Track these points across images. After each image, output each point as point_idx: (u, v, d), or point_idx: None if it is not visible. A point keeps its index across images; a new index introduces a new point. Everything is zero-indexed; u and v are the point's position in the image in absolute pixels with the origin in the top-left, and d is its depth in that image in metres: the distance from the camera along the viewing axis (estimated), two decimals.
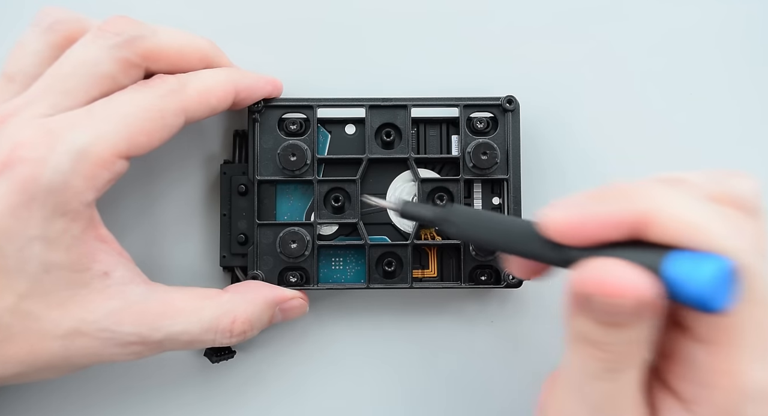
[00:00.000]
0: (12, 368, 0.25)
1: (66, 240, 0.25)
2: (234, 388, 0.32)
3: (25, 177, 0.24)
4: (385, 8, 0.32)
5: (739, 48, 0.33)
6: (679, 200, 0.19)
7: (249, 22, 0.32)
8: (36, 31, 0.27)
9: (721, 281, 0.18)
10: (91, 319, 0.26)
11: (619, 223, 0.19)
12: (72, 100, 0.26)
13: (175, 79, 0.27)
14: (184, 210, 0.32)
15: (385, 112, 0.30)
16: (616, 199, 0.20)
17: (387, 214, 0.31)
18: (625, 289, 0.18)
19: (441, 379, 0.32)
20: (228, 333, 0.28)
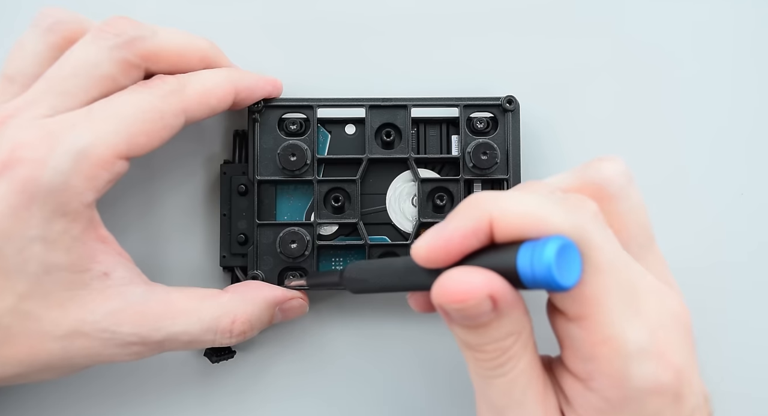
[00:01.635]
0: (12, 369, 0.25)
1: (66, 240, 0.25)
2: (234, 388, 0.32)
3: (25, 177, 0.24)
4: (385, 8, 0.32)
5: (747, 47, 0.33)
6: (517, 198, 0.20)
7: (249, 22, 0.32)
8: (36, 32, 0.27)
9: (561, 259, 0.19)
10: (90, 320, 0.26)
11: (473, 233, 0.20)
12: (72, 101, 0.26)
13: (175, 79, 0.27)
14: (185, 210, 0.32)
15: (385, 112, 0.30)
16: (466, 211, 0.21)
17: (387, 214, 0.31)
18: (463, 293, 0.20)
19: (441, 379, 0.32)
20: (228, 334, 0.28)
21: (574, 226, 0.20)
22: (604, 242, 0.21)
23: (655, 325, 0.21)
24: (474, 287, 0.20)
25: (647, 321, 0.21)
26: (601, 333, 0.21)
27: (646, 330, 0.21)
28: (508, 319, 0.21)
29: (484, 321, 0.21)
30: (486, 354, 0.22)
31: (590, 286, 0.20)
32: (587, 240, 0.20)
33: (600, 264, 0.20)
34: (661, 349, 0.21)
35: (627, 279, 0.21)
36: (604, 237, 0.21)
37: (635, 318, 0.21)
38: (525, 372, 0.22)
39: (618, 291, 0.21)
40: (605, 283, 0.21)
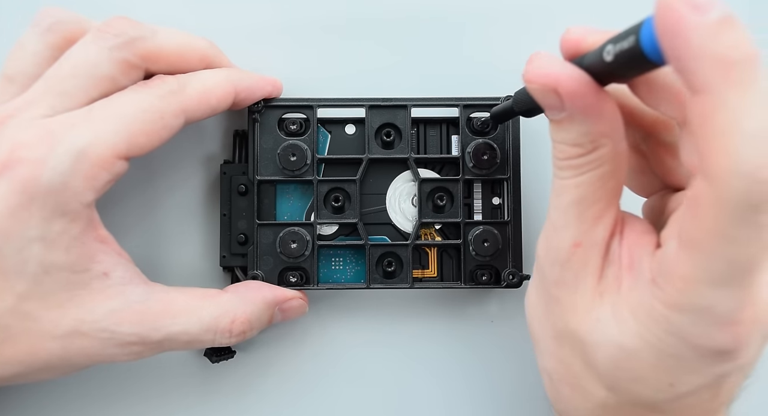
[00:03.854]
0: (11, 368, 0.25)
1: (65, 240, 0.25)
2: (234, 388, 0.32)
3: (24, 177, 0.24)
4: (386, 8, 0.32)
5: None
6: None
7: (249, 22, 0.32)
8: (35, 32, 0.27)
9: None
10: (90, 319, 0.26)
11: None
12: (71, 101, 0.26)
13: (175, 79, 0.27)
14: (185, 210, 0.32)
15: (385, 112, 0.30)
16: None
17: (387, 214, 0.31)
18: (533, 74, 0.21)
19: (441, 379, 0.32)
20: (227, 333, 0.28)
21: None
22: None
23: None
24: (540, 71, 0.21)
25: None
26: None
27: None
28: (577, 128, 0.21)
29: (558, 119, 0.21)
30: (555, 152, 0.22)
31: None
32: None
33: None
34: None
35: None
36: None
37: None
38: (581, 188, 0.22)
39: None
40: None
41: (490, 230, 0.30)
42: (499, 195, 0.31)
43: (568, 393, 0.24)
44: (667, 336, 0.20)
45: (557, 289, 0.23)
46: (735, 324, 0.20)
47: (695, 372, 0.21)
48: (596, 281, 0.22)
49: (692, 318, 0.20)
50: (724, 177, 0.18)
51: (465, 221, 0.30)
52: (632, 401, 0.22)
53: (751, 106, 0.17)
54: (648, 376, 0.21)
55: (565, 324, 0.23)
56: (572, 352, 0.23)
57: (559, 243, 0.22)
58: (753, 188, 0.18)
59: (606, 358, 0.22)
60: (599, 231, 0.22)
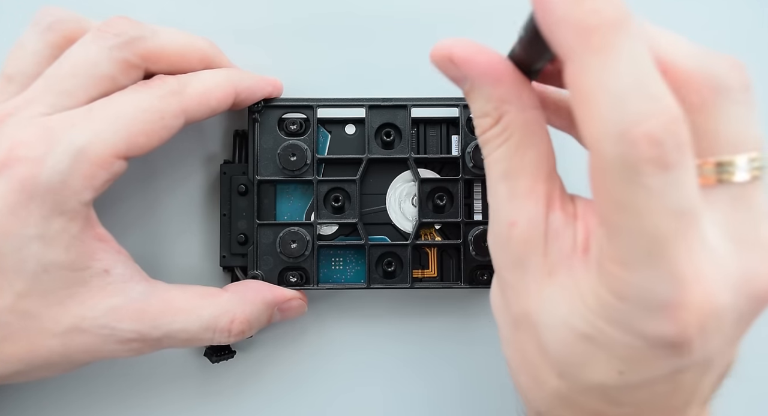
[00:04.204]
0: (12, 366, 0.25)
1: (65, 239, 0.25)
2: (233, 388, 0.32)
3: (23, 176, 0.24)
4: (385, 8, 0.32)
5: (744, 50, 0.33)
6: None
7: (249, 22, 0.32)
8: (35, 31, 0.27)
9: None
10: (90, 316, 0.26)
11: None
12: (71, 101, 0.26)
13: (175, 80, 0.27)
14: (185, 210, 0.32)
15: (385, 112, 0.30)
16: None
17: (387, 214, 0.31)
18: (435, 49, 0.22)
19: (441, 379, 0.32)
20: (226, 333, 0.28)
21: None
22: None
23: None
24: (439, 43, 0.22)
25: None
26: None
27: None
28: (480, 95, 0.22)
29: (465, 89, 0.22)
30: (476, 131, 0.23)
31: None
32: None
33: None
34: None
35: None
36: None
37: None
38: (502, 163, 0.22)
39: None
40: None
41: None
42: None
43: (525, 381, 0.23)
44: (613, 323, 0.20)
45: (507, 273, 0.22)
46: (675, 309, 0.19)
47: (645, 362, 0.20)
48: (541, 260, 0.21)
49: (633, 305, 0.19)
50: (598, 143, 0.18)
51: (465, 221, 0.30)
52: (583, 388, 0.21)
53: (613, 68, 0.18)
54: (596, 361, 0.20)
55: (520, 308, 0.22)
56: (527, 337, 0.22)
57: (498, 225, 0.22)
58: (626, 150, 0.18)
59: (555, 339, 0.21)
60: (531, 206, 0.22)
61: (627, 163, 0.18)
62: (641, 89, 0.18)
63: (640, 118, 0.17)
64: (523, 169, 0.22)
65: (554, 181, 0.22)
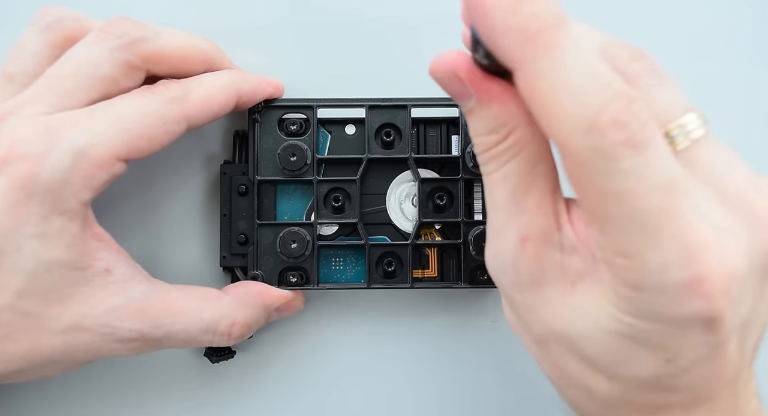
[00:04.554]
0: (13, 365, 0.25)
1: (65, 238, 0.25)
2: (233, 388, 0.32)
3: (24, 174, 0.24)
4: (386, 8, 0.32)
5: (741, 51, 0.33)
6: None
7: (249, 23, 0.32)
8: (35, 30, 0.27)
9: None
10: (91, 315, 0.26)
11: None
12: (72, 101, 0.26)
13: (179, 86, 0.27)
14: (185, 210, 0.32)
15: (385, 112, 0.30)
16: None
17: (387, 214, 0.31)
18: (434, 64, 0.21)
19: (441, 379, 0.32)
20: (226, 336, 0.28)
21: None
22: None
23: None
24: (442, 59, 0.21)
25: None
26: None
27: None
28: (487, 114, 0.21)
29: (468, 108, 0.21)
30: (476, 148, 0.22)
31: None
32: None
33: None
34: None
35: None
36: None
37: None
38: (510, 179, 0.21)
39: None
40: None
41: None
42: None
43: (575, 395, 0.23)
44: (641, 315, 0.20)
45: (520, 294, 0.22)
46: (696, 284, 0.19)
47: (688, 344, 0.20)
48: (560, 272, 0.21)
49: (652, 293, 0.19)
50: (568, 140, 0.18)
51: (465, 221, 0.30)
52: (637, 385, 0.21)
53: (563, 66, 0.18)
54: (641, 356, 0.20)
55: (544, 325, 0.22)
56: (562, 352, 0.22)
57: (505, 244, 0.21)
58: (596, 140, 0.18)
59: (595, 346, 0.21)
60: (543, 219, 0.21)
61: (601, 152, 0.18)
62: (594, 79, 0.18)
63: (601, 107, 0.18)
64: (532, 184, 0.21)
65: (560, 195, 0.22)
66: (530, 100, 0.19)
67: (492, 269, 0.23)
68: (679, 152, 0.21)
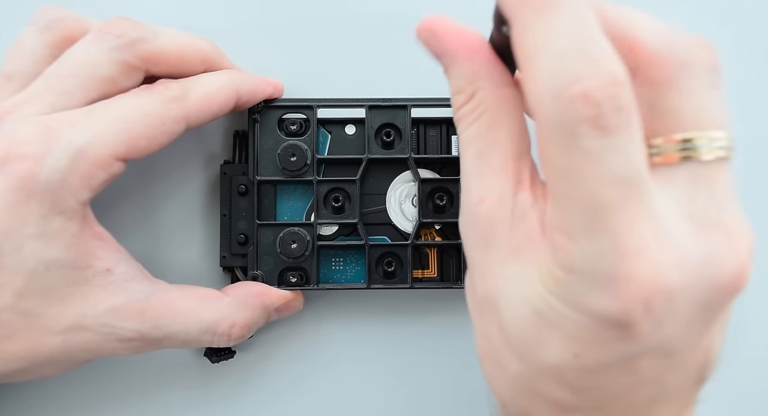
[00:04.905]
0: (13, 364, 0.25)
1: (65, 237, 0.25)
2: (233, 388, 0.32)
3: (22, 174, 0.24)
4: (386, 8, 0.32)
5: (737, 51, 0.33)
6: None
7: (249, 23, 0.32)
8: (34, 30, 0.27)
9: None
10: (92, 314, 0.26)
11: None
12: (70, 101, 0.26)
13: (178, 85, 0.27)
14: (185, 210, 0.32)
15: (385, 112, 0.30)
16: None
17: (387, 214, 0.31)
18: (421, 24, 0.22)
19: (441, 379, 0.32)
20: (226, 337, 0.28)
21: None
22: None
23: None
24: (424, 20, 0.22)
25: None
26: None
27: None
28: (457, 72, 0.22)
29: (444, 65, 0.22)
30: (452, 105, 0.22)
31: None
32: None
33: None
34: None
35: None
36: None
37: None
38: (476, 141, 0.21)
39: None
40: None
41: None
42: None
43: (490, 369, 0.22)
44: (562, 298, 0.19)
45: (473, 252, 0.22)
46: (617, 283, 0.18)
47: (596, 343, 0.19)
48: (507, 238, 0.21)
49: (578, 278, 0.19)
50: (537, 103, 0.18)
51: None
52: (541, 371, 0.21)
53: (553, 27, 0.18)
54: (551, 341, 0.20)
55: (483, 287, 0.22)
56: (490, 320, 0.21)
57: (467, 203, 0.22)
58: (562, 109, 0.17)
59: (514, 317, 0.20)
60: (500, 183, 0.21)
61: (564, 124, 0.18)
62: (581, 49, 0.18)
63: (577, 78, 0.17)
64: (494, 146, 0.21)
65: (525, 161, 0.22)
66: (517, 57, 0.19)
67: (460, 226, 0.23)
68: (686, 159, 0.20)
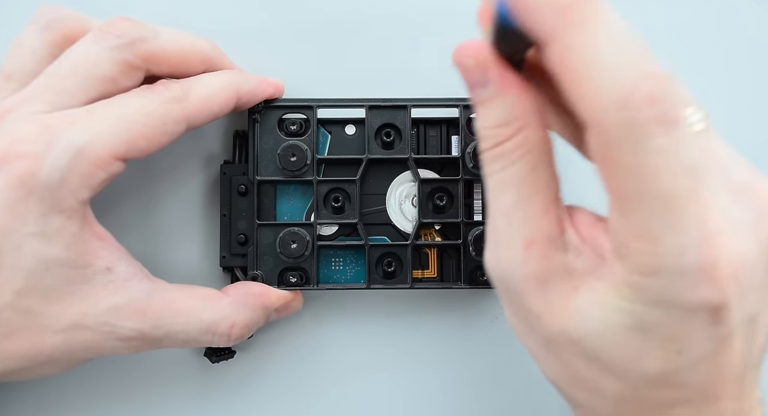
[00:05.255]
0: (13, 363, 0.25)
1: (65, 236, 0.25)
2: (233, 388, 0.32)
3: (22, 172, 0.24)
4: (386, 9, 0.32)
5: (737, 45, 0.33)
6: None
7: (250, 23, 0.32)
8: (34, 29, 0.27)
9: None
10: (92, 313, 0.26)
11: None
12: (71, 100, 0.26)
13: (179, 86, 0.27)
14: (185, 210, 0.32)
15: (385, 112, 0.30)
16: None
17: (387, 215, 0.31)
18: (458, 49, 0.21)
19: (441, 379, 0.32)
20: (226, 337, 0.28)
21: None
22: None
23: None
24: (467, 45, 0.21)
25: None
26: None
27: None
28: (502, 104, 0.21)
29: (483, 97, 0.21)
30: (482, 143, 0.21)
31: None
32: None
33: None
34: None
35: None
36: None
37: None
38: (516, 181, 0.21)
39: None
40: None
41: None
42: None
43: (584, 397, 0.22)
44: (653, 303, 0.19)
45: (525, 298, 0.21)
46: (709, 269, 0.19)
47: (697, 334, 0.20)
48: (564, 275, 0.21)
49: (666, 276, 0.19)
50: (599, 115, 0.18)
51: (465, 221, 0.30)
52: (647, 381, 0.21)
53: (597, 40, 0.18)
54: (651, 349, 0.20)
55: (549, 330, 0.21)
56: (569, 354, 0.22)
57: (509, 248, 0.21)
58: (630, 115, 0.18)
59: (604, 345, 0.20)
60: (548, 224, 0.21)
61: (633, 129, 0.18)
62: (628, 54, 0.18)
63: (635, 82, 0.18)
64: (539, 187, 0.21)
65: (561, 200, 0.22)
66: (561, 74, 0.18)
67: (494, 273, 0.22)
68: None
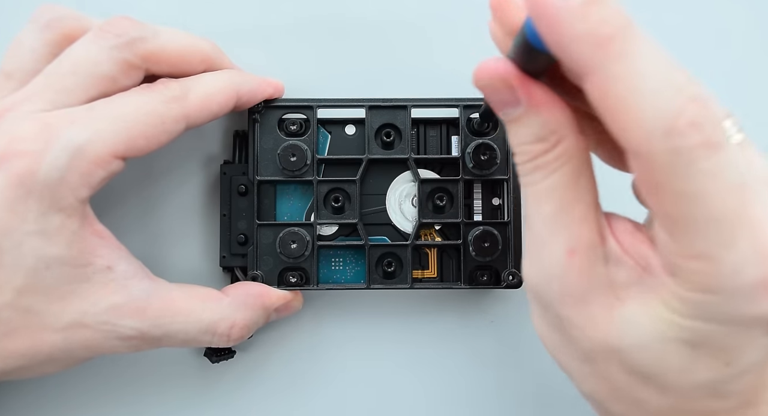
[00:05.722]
0: (13, 362, 0.25)
1: (65, 235, 0.25)
2: (233, 388, 0.32)
3: (22, 171, 0.24)
4: (386, 9, 0.32)
5: (740, 46, 0.33)
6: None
7: (250, 23, 0.32)
8: (34, 28, 0.27)
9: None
10: (92, 312, 0.26)
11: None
12: (70, 99, 0.26)
13: (178, 85, 0.27)
14: (185, 210, 0.32)
15: (385, 112, 0.30)
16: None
17: (387, 215, 0.31)
18: (480, 71, 0.21)
19: (441, 379, 0.32)
20: (226, 337, 0.28)
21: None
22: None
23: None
24: (489, 66, 0.20)
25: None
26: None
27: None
28: (536, 120, 0.20)
29: (514, 116, 0.21)
30: (518, 157, 0.21)
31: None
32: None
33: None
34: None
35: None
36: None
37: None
38: (557, 191, 0.21)
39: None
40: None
41: (489, 231, 0.30)
42: (499, 195, 0.31)
43: (621, 409, 0.22)
44: (710, 319, 0.19)
45: (565, 309, 0.21)
46: (766, 282, 0.19)
47: (750, 345, 0.20)
48: (606, 286, 0.21)
49: (725, 294, 0.19)
50: (645, 144, 0.18)
51: (465, 221, 0.30)
52: (692, 393, 0.21)
53: (639, 71, 0.18)
54: (701, 362, 0.20)
55: (590, 340, 0.21)
56: (610, 366, 0.21)
57: (551, 257, 0.21)
58: (676, 143, 0.18)
59: (649, 357, 0.20)
60: (588, 232, 0.21)
61: (679, 155, 0.18)
62: (670, 82, 0.18)
63: (679, 109, 0.18)
64: (579, 195, 0.21)
65: (600, 208, 0.22)
66: (603, 104, 0.18)
67: (533, 282, 0.22)
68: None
